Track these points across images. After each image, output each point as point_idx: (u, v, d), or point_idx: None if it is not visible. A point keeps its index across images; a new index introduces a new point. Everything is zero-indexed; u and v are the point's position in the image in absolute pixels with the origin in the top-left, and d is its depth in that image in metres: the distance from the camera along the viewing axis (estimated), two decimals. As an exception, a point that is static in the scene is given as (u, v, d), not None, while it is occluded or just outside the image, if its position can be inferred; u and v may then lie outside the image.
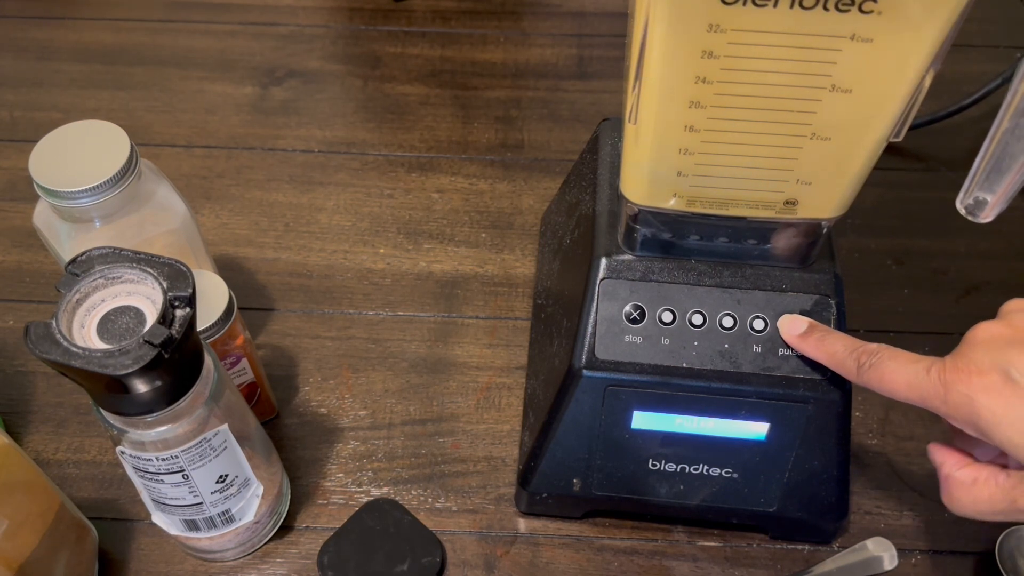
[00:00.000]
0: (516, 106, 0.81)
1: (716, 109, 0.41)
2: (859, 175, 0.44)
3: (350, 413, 0.62)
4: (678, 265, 0.50)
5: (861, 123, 0.40)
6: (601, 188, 0.54)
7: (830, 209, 0.46)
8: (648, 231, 0.49)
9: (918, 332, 0.66)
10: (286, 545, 0.56)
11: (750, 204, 0.46)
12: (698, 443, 0.52)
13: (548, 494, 0.55)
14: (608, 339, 0.50)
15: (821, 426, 0.50)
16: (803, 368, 0.49)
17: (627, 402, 0.51)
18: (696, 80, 0.39)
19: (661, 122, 0.42)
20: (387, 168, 0.76)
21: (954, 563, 0.56)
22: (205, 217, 0.72)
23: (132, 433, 0.44)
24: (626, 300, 0.50)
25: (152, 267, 0.42)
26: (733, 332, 0.50)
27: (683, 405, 0.50)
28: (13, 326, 0.65)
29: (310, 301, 0.68)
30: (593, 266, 0.51)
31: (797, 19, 0.36)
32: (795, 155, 0.43)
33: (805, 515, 0.54)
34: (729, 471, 0.52)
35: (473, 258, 0.70)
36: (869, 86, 0.39)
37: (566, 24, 0.88)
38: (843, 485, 0.53)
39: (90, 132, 0.51)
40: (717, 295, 0.50)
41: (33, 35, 0.86)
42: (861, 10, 0.35)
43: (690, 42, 0.38)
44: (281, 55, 0.84)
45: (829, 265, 0.51)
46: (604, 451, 0.53)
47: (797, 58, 0.38)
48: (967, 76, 0.76)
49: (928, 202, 0.74)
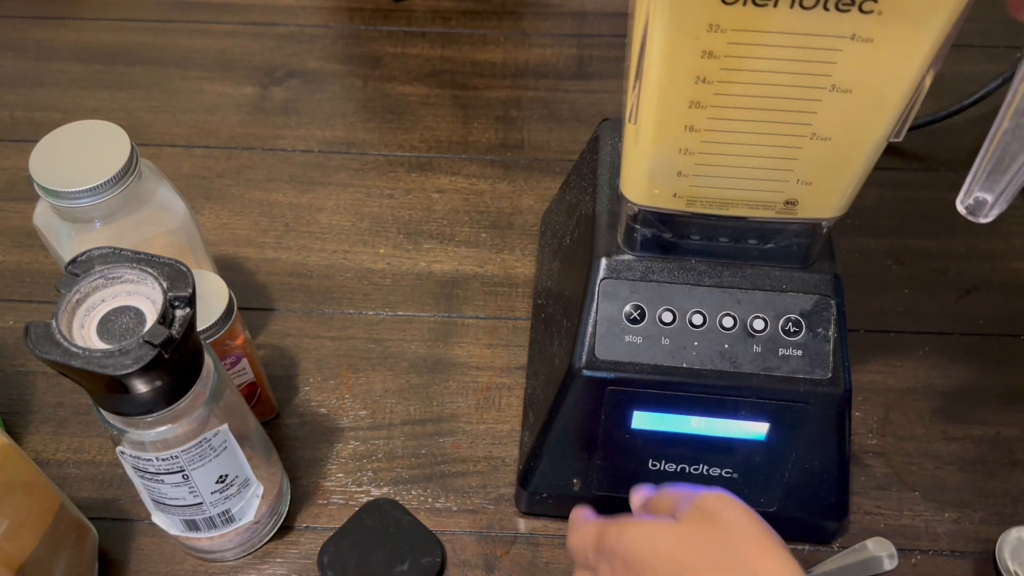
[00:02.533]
0: (516, 106, 0.81)
1: (716, 109, 0.41)
2: (859, 175, 0.43)
3: (350, 413, 0.62)
4: (678, 265, 0.50)
5: (861, 123, 0.40)
6: (601, 188, 0.54)
7: (830, 209, 0.46)
8: (648, 231, 0.49)
9: (918, 332, 0.66)
10: (286, 545, 0.56)
11: (750, 204, 0.46)
12: (698, 443, 0.52)
13: (548, 494, 0.55)
14: (608, 339, 0.50)
15: (821, 426, 0.50)
16: (803, 368, 0.49)
17: (627, 402, 0.51)
18: (696, 80, 0.39)
19: (661, 122, 0.42)
20: (387, 168, 0.76)
21: (954, 563, 0.56)
22: (205, 217, 0.72)
23: (132, 433, 0.44)
24: (626, 300, 0.50)
25: (152, 267, 0.42)
26: (733, 332, 0.50)
27: (683, 405, 0.50)
28: (13, 326, 0.65)
29: (310, 301, 0.68)
30: (593, 266, 0.51)
31: (797, 19, 0.36)
32: (795, 155, 0.43)
33: (805, 515, 0.54)
34: (729, 471, 0.52)
35: (473, 258, 0.70)
36: (869, 86, 0.39)
37: (566, 24, 0.88)
38: (843, 485, 0.53)
39: (90, 132, 0.51)
40: (717, 295, 0.50)
41: (33, 35, 0.86)
42: (861, 10, 0.35)
43: (690, 42, 0.38)
44: (281, 55, 0.84)
45: (829, 265, 0.51)
46: (604, 451, 0.53)
47: (797, 58, 0.38)
48: (967, 76, 0.76)
49: (928, 202, 0.74)
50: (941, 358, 0.65)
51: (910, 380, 0.64)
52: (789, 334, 0.50)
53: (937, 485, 0.59)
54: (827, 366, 0.49)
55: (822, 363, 0.49)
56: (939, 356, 0.65)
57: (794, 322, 0.50)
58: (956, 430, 0.61)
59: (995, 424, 0.62)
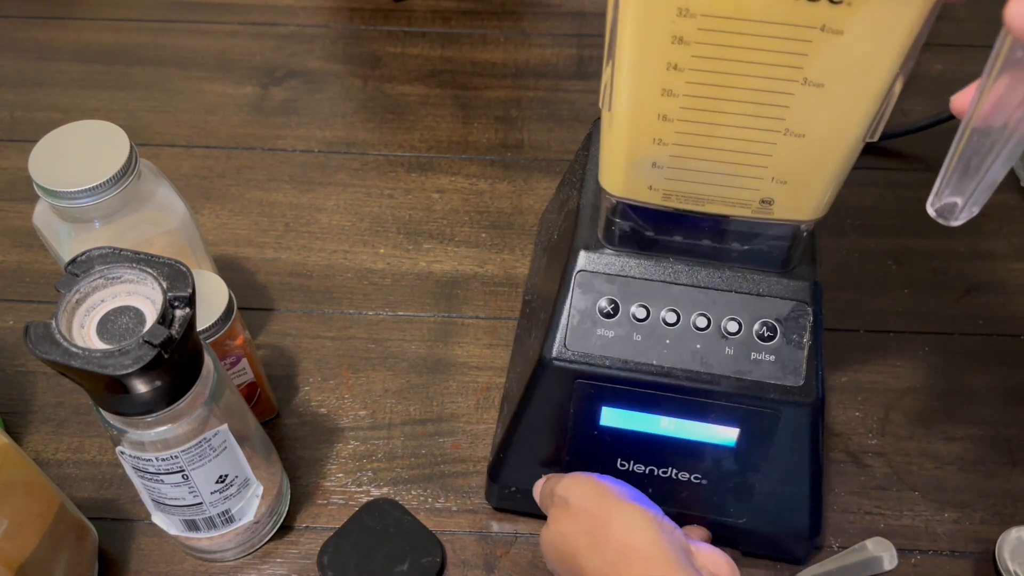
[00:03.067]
0: (516, 106, 0.81)
1: (688, 99, 0.41)
2: (835, 177, 0.43)
3: (350, 413, 0.62)
4: (655, 262, 0.50)
5: (835, 120, 0.40)
6: (588, 184, 0.54)
7: (807, 211, 0.45)
8: (627, 225, 0.49)
9: (918, 332, 0.66)
10: (286, 545, 0.56)
11: (726, 201, 0.46)
12: (667, 445, 0.51)
13: (517, 488, 0.54)
14: (580, 331, 0.50)
15: (792, 435, 0.49)
16: (775, 374, 0.48)
17: (596, 397, 0.50)
18: (667, 67, 0.39)
19: (634, 109, 0.42)
20: (387, 168, 0.76)
21: (954, 563, 0.56)
22: (205, 217, 0.72)
23: (132, 433, 0.44)
24: (601, 293, 0.50)
25: (152, 267, 0.42)
26: (706, 333, 0.49)
27: (652, 404, 0.50)
28: (13, 326, 0.65)
29: (310, 301, 0.68)
30: (571, 258, 0.50)
31: (766, 6, 0.36)
32: (769, 151, 0.42)
33: (775, 530, 0.52)
34: (698, 477, 0.52)
35: (473, 258, 0.70)
36: (841, 81, 0.38)
37: (566, 24, 0.88)
38: (815, 500, 0.52)
39: (90, 132, 0.51)
40: (693, 294, 0.50)
41: (33, 35, 0.86)
42: (831, 0, 0.35)
43: (660, 26, 0.38)
44: (281, 55, 0.84)
45: (810, 271, 0.50)
46: (573, 448, 0.52)
47: (768, 48, 0.38)
48: (967, 76, 0.76)
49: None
50: (941, 358, 0.65)
51: (910, 380, 0.64)
52: (763, 339, 0.49)
53: (937, 485, 0.59)
54: (800, 373, 0.48)
55: (795, 370, 0.48)
56: (939, 356, 0.65)
57: (769, 327, 0.49)
58: (956, 430, 0.61)
59: (995, 424, 0.62)
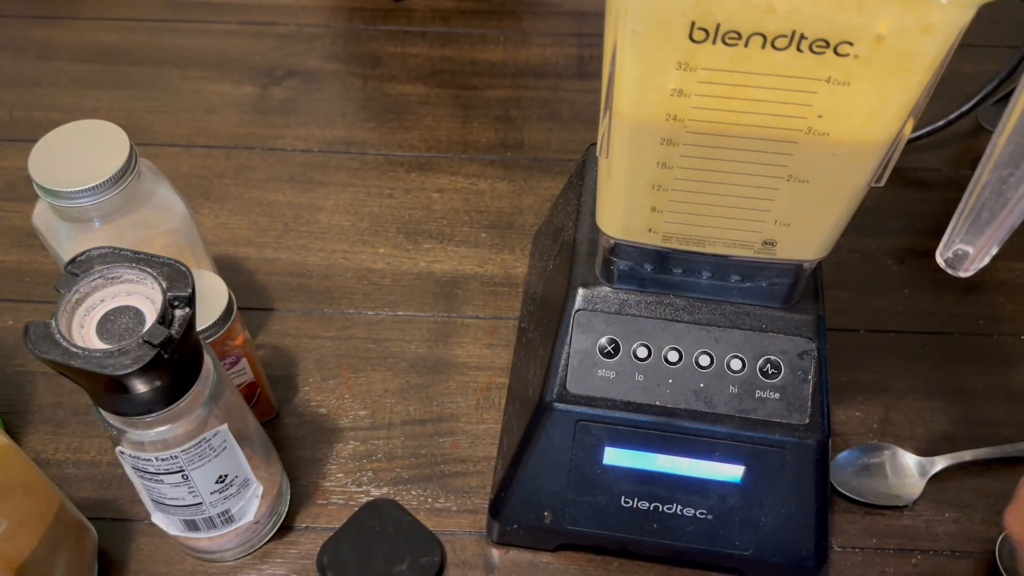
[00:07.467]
0: (516, 106, 0.81)
1: (689, 147, 0.39)
2: (840, 219, 0.42)
3: (350, 413, 0.62)
4: (656, 300, 0.49)
5: (839, 167, 0.39)
6: (584, 216, 0.53)
7: (810, 251, 0.44)
8: (625, 264, 0.48)
9: (918, 332, 0.66)
10: (286, 545, 0.56)
11: (727, 243, 0.44)
12: (671, 482, 0.50)
13: (519, 525, 0.54)
14: (581, 372, 0.49)
15: (798, 472, 0.49)
16: (780, 412, 0.48)
17: (598, 437, 0.49)
18: (667, 117, 0.38)
19: (633, 158, 0.40)
20: (387, 168, 0.76)
21: (954, 563, 0.56)
22: (205, 217, 0.72)
23: (131, 433, 0.44)
24: (601, 333, 0.49)
25: (151, 267, 0.42)
26: (709, 371, 0.48)
27: (656, 443, 0.49)
28: (13, 326, 0.65)
29: (310, 301, 0.68)
30: (569, 296, 0.49)
31: (769, 60, 0.35)
32: (772, 196, 0.41)
33: (781, 560, 0.52)
34: (704, 512, 0.51)
35: (473, 258, 0.70)
36: (847, 130, 0.37)
37: (566, 24, 0.88)
38: (821, 532, 0.51)
39: (90, 132, 0.51)
40: (695, 332, 0.48)
41: (33, 35, 0.86)
42: (836, 53, 0.34)
43: (659, 79, 0.36)
44: (281, 55, 0.84)
45: (813, 306, 0.49)
46: (576, 486, 0.51)
47: (771, 99, 0.36)
48: (967, 76, 0.76)
49: (928, 202, 0.74)
50: (941, 358, 0.65)
51: (910, 380, 0.64)
52: (767, 376, 0.48)
53: (937, 485, 0.59)
54: (805, 411, 0.48)
55: (800, 408, 0.48)
56: (939, 356, 0.65)
57: (773, 364, 0.48)
58: (956, 430, 0.61)
59: (995, 424, 0.62)
